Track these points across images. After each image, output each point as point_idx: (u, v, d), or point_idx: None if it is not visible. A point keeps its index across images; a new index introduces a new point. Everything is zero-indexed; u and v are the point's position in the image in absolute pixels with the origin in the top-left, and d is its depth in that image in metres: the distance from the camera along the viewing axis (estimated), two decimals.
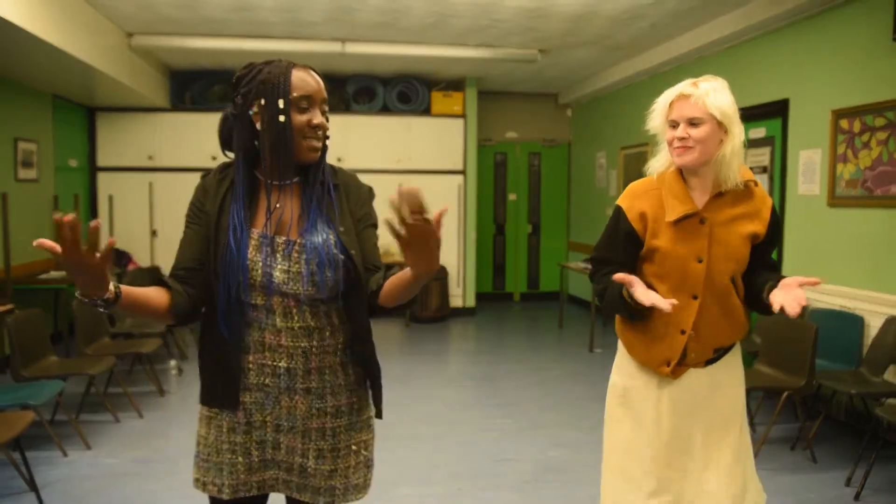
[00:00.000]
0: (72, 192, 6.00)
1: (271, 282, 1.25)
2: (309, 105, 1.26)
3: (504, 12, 4.65)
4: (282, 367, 1.28)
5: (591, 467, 3.14)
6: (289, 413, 1.30)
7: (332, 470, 1.33)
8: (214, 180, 1.32)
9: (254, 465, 1.32)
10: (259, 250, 1.27)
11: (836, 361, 3.56)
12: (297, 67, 1.28)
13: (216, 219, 1.28)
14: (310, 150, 1.27)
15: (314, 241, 1.27)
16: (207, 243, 1.28)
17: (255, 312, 1.28)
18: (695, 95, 1.55)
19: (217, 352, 1.30)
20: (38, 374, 3.32)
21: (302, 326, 1.28)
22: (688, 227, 1.60)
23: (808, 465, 3.15)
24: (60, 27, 3.99)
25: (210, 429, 1.32)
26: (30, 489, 2.75)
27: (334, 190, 1.35)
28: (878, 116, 3.52)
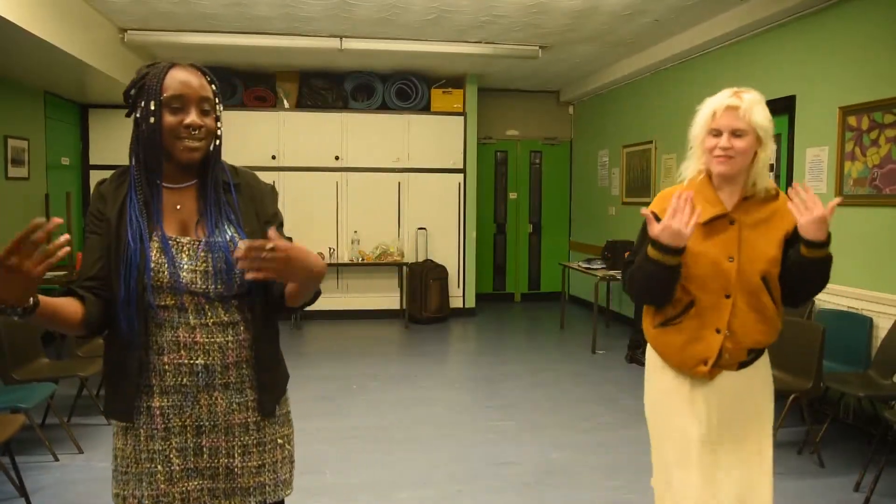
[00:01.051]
0: (64, 190, 5.93)
1: (179, 282, 1.26)
2: (182, 105, 1.26)
3: (504, 8, 4.59)
4: (199, 364, 1.27)
5: (592, 469, 3.10)
6: (209, 411, 1.29)
7: (260, 465, 1.33)
8: (112, 186, 1.32)
9: (175, 475, 1.28)
10: (163, 252, 1.27)
11: (843, 363, 3.51)
12: (177, 67, 1.29)
13: (115, 224, 1.28)
14: (186, 150, 1.27)
15: (218, 241, 1.29)
16: (108, 250, 1.28)
17: (165, 313, 1.27)
18: (742, 108, 1.60)
19: (119, 358, 1.28)
20: (29, 377, 3.27)
21: (216, 322, 1.28)
22: (718, 228, 1.66)
23: (816, 470, 3.10)
24: (52, 22, 3.92)
25: (127, 439, 1.29)
26: (20, 495, 2.71)
27: (235, 190, 1.36)
28: (888, 113, 3.46)
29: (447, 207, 6.86)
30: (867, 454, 2.98)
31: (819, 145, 3.95)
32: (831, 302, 3.72)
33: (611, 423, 3.76)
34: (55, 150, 5.86)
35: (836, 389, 3.19)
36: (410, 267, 6.62)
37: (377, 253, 6.58)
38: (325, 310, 6.68)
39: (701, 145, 1.68)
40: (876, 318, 3.45)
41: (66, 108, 6.10)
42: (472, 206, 6.96)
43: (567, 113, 8.01)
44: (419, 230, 6.81)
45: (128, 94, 1.30)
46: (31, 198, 5.42)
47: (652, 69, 5.85)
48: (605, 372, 4.87)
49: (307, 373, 4.63)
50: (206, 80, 1.31)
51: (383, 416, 3.87)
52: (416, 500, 2.79)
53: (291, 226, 6.60)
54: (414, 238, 6.82)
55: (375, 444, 3.42)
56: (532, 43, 5.56)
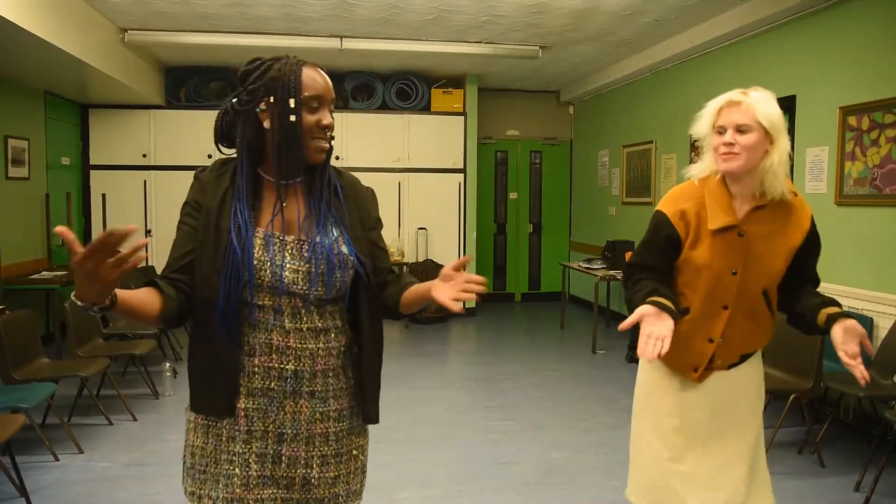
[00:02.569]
0: (64, 190, 5.93)
1: (282, 282, 1.23)
2: (319, 105, 1.25)
3: (504, 8, 4.59)
4: (289, 369, 1.25)
5: (592, 469, 3.09)
6: (293, 418, 1.27)
7: (336, 476, 1.31)
8: (212, 176, 1.28)
9: (252, 481, 1.26)
10: (266, 250, 1.24)
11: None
12: (308, 66, 1.26)
13: (216, 217, 1.24)
14: (318, 150, 1.26)
15: (324, 241, 1.26)
16: (204, 242, 1.23)
17: (261, 314, 1.24)
18: (745, 103, 1.55)
19: (213, 356, 1.25)
20: (29, 377, 3.26)
21: (310, 328, 1.26)
22: (726, 239, 1.61)
23: (816, 470, 3.10)
24: (53, 22, 3.92)
25: (208, 438, 1.27)
26: (20, 495, 2.70)
27: (341, 191, 1.33)
28: (888, 113, 3.46)
29: (447, 207, 6.86)
30: (867, 454, 2.98)
31: (819, 145, 3.95)
32: None
33: (611, 423, 3.76)
34: (55, 150, 5.86)
35: (836, 389, 3.19)
36: (410, 267, 6.62)
37: None
38: None
39: (709, 146, 1.63)
40: (876, 318, 3.45)
41: (67, 108, 6.10)
42: (473, 206, 6.96)
43: (567, 113, 8.00)
44: (419, 230, 6.81)
45: (244, 84, 1.24)
46: (31, 198, 5.42)
47: (652, 69, 5.84)
48: (605, 372, 4.87)
49: None
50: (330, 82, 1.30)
51: (383, 416, 3.84)
52: (417, 500, 2.79)
53: None
54: (414, 238, 6.82)
55: (375, 444, 3.39)
56: (532, 43, 5.56)
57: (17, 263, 5.08)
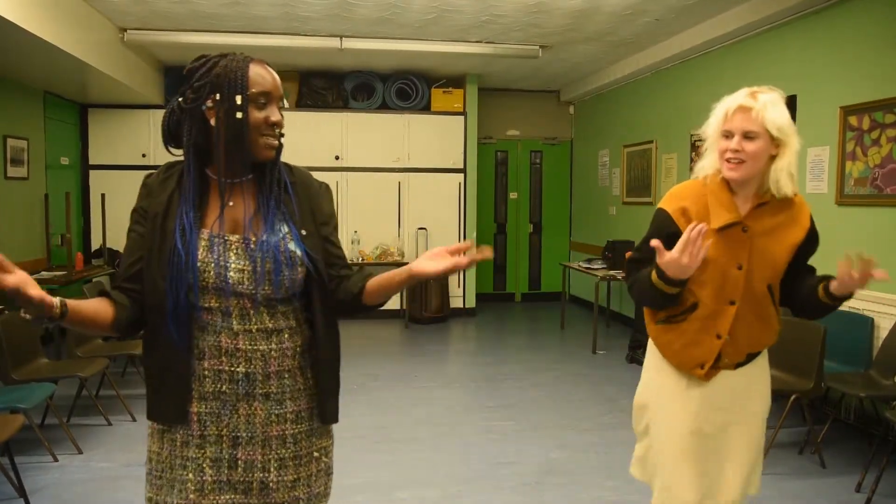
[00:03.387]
0: (63, 190, 5.92)
1: (226, 282, 1.21)
2: (267, 101, 1.23)
3: (504, 7, 4.59)
4: (240, 372, 1.23)
5: (593, 469, 3.09)
6: (247, 421, 1.24)
7: (295, 479, 1.29)
8: (159, 180, 1.27)
9: (206, 486, 1.24)
10: (210, 251, 1.22)
11: (844, 363, 3.50)
12: (255, 62, 1.24)
13: (162, 220, 1.23)
14: (267, 147, 1.24)
15: (270, 240, 1.24)
16: (151, 247, 1.22)
17: (209, 316, 1.22)
18: (755, 109, 1.54)
19: (164, 361, 1.23)
20: (28, 377, 3.26)
21: (260, 329, 1.24)
22: (730, 236, 1.62)
23: (817, 470, 3.10)
24: (52, 22, 3.92)
25: (164, 443, 1.26)
26: (19, 495, 2.70)
27: (291, 188, 1.31)
28: (888, 113, 3.45)
29: (447, 207, 6.85)
30: (868, 454, 2.97)
31: (820, 145, 3.94)
32: None
33: (611, 423, 3.75)
34: (55, 149, 5.85)
35: (837, 389, 3.18)
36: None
37: (377, 253, 6.58)
38: None
39: (715, 145, 1.64)
40: (877, 319, 3.44)
41: (66, 107, 6.09)
42: (473, 206, 6.96)
43: (567, 113, 8.00)
44: (419, 230, 6.81)
45: (189, 81, 1.23)
46: (30, 197, 5.41)
47: (652, 69, 5.84)
48: (605, 372, 4.86)
49: None
50: None
51: (383, 416, 3.86)
52: (417, 500, 2.79)
53: None
54: (414, 238, 6.81)
55: (375, 444, 3.41)
56: (532, 43, 5.55)
57: (16, 263, 5.02)
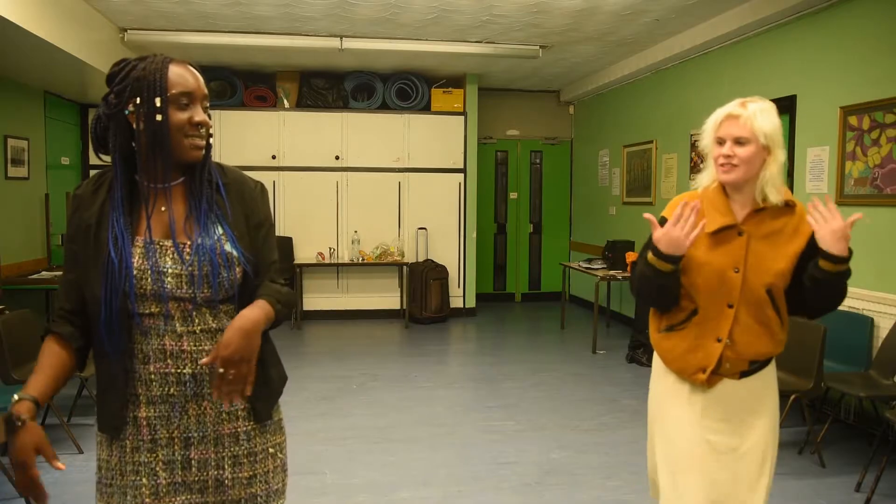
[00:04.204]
0: (63, 190, 5.92)
1: (164, 288, 1.20)
2: (189, 102, 1.22)
3: (504, 7, 4.59)
4: (187, 373, 1.22)
5: (593, 469, 3.09)
6: (198, 421, 1.25)
7: (252, 476, 1.29)
8: (89, 191, 1.25)
9: (161, 489, 1.24)
10: (145, 257, 1.21)
11: (844, 363, 3.50)
12: (175, 63, 1.23)
13: (95, 231, 1.22)
14: (192, 148, 1.23)
15: (205, 243, 1.23)
16: (87, 259, 1.22)
17: (150, 320, 1.21)
18: (743, 116, 1.60)
19: (105, 370, 1.23)
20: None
21: (204, 329, 1.24)
22: (726, 238, 1.66)
23: (817, 470, 3.10)
24: (52, 22, 3.92)
25: (112, 450, 1.25)
26: (19, 495, 2.68)
27: (224, 189, 1.30)
28: (888, 113, 3.45)
29: (447, 207, 6.85)
30: (868, 454, 2.98)
31: (820, 145, 3.94)
32: None
33: (611, 423, 3.76)
34: (55, 149, 5.85)
35: (836, 389, 3.18)
36: (411, 267, 6.62)
37: (377, 253, 6.58)
38: (325, 310, 6.68)
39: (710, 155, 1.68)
40: (877, 319, 3.44)
41: (66, 107, 6.09)
42: (473, 206, 6.96)
43: (567, 113, 8.00)
44: (419, 230, 6.81)
45: (110, 86, 1.22)
46: (30, 197, 5.41)
47: (652, 69, 5.84)
48: (605, 372, 4.86)
49: (307, 373, 4.62)
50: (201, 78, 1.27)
51: (383, 416, 3.86)
52: (417, 500, 2.79)
53: (291, 226, 6.60)
54: (414, 238, 6.81)
55: (375, 444, 3.42)
56: (532, 43, 5.55)
57: (16, 263, 5.07)
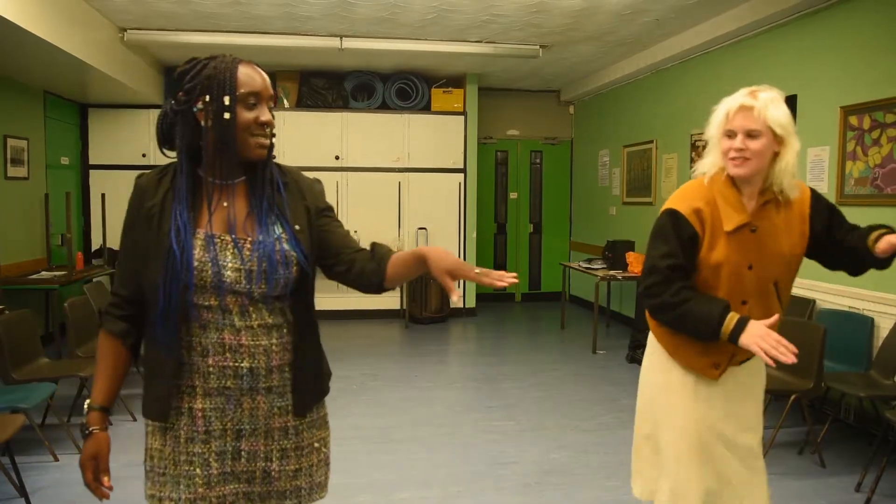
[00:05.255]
0: (63, 190, 5.92)
1: (222, 281, 1.23)
2: (256, 102, 1.24)
3: (505, 7, 4.59)
4: (244, 367, 1.25)
5: (593, 469, 3.09)
6: (251, 415, 1.27)
7: (297, 469, 1.33)
8: (153, 181, 1.28)
9: (213, 479, 1.27)
10: (206, 250, 1.23)
11: (844, 363, 3.50)
12: (243, 63, 1.25)
13: (157, 221, 1.24)
14: (257, 147, 1.25)
15: (265, 240, 1.26)
16: (147, 247, 1.24)
17: (209, 314, 1.24)
18: (756, 108, 1.56)
19: (157, 358, 1.26)
20: (29, 377, 3.25)
21: (261, 324, 1.26)
22: (740, 237, 1.64)
23: (817, 470, 3.09)
24: (52, 22, 3.92)
25: (166, 440, 1.27)
26: (20, 495, 2.70)
27: (284, 188, 1.33)
28: (889, 113, 3.45)
29: (447, 207, 6.85)
30: (868, 454, 2.98)
31: (820, 145, 3.94)
32: (832, 302, 3.71)
33: (611, 423, 3.75)
34: (55, 149, 5.85)
35: (837, 389, 3.18)
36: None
37: None
38: (325, 310, 6.67)
39: (717, 145, 1.64)
40: (877, 319, 3.44)
41: (66, 107, 6.09)
42: (473, 206, 6.95)
43: (567, 113, 8.00)
44: (419, 230, 6.81)
45: (180, 84, 1.25)
46: (30, 197, 5.41)
47: (652, 69, 5.84)
48: (605, 372, 4.86)
49: None
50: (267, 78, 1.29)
51: (383, 416, 3.86)
52: (417, 501, 2.78)
53: None
54: (414, 238, 6.81)
55: (375, 444, 3.41)
56: (532, 42, 5.55)
57: (16, 263, 5.07)
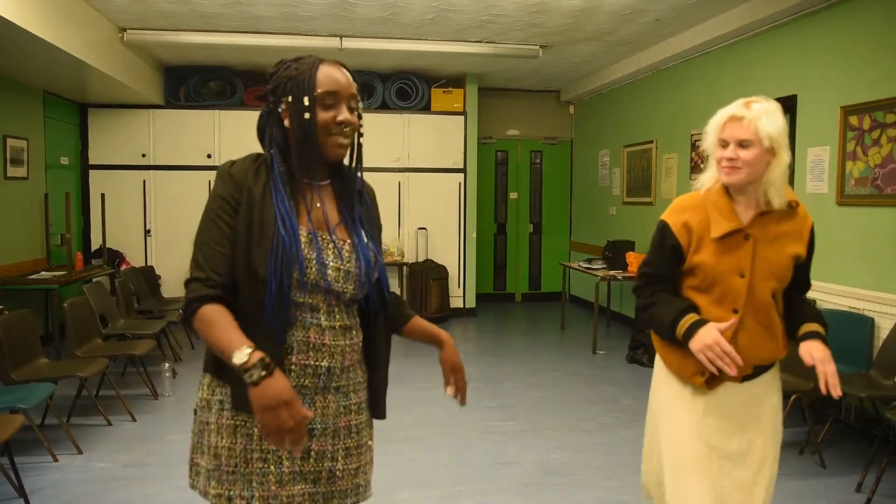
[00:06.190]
0: (63, 190, 5.91)
1: (326, 280, 1.24)
2: (334, 101, 1.25)
3: (505, 7, 4.58)
4: (323, 366, 1.27)
5: (593, 469, 3.09)
6: (322, 413, 1.29)
7: (357, 468, 1.35)
8: (250, 170, 1.26)
9: (285, 477, 1.26)
10: (311, 247, 1.24)
11: (845, 364, 3.49)
12: (326, 63, 1.27)
13: (259, 210, 1.22)
14: (336, 146, 1.26)
15: (363, 242, 1.30)
16: (248, 235, 1.20)
17: (298, 311, 1.24)
18: (747, 118, 1.57)
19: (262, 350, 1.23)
20: (28, 377, 3.25)
21: (342, 325, 1.29)
22: (731, 243, 1.63)
23: (817, 470, 3.09)
24: (52, 22, 3.91)
25: (237, 438, 1.24)
26: (19, 496, 2.69)
27: (365, 197, 1.38)
28: (889, 113, 3.45)
29: (447, 207, 6.85)
30: (869, 455, 2.98)
31: (820, 145, 3.94)
32: (832, 302, 3.71)
33: (611, 423, 3.75)
34: (54, 149, 5.85)
35: None
36: (410, 267, 6.61)
37: None
38: None
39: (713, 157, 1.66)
40: (877, 319, 3.44)
41: (66, 107, 6.08)
42: (473, 206, 6.95)
43: (567, 113, 8.00)
44: (419, 230, 6.80)
45: (271, 85, 1.27)
46: (30, 197, 5.41)
47: (652, 69, 5.83)
48: (605, 372, 4.86)
49: None
50: (352, 78, 1.29)
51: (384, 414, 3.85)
52: (417, 501, 2.78)
53: None
54: (414, 238, 6.81)
55: (375, 444, 3.40)
56: (532, 42, 5.55)
57: (15, 263, 5.07)
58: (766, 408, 1.71)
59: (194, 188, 6.16)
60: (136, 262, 6.28)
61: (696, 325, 1.58)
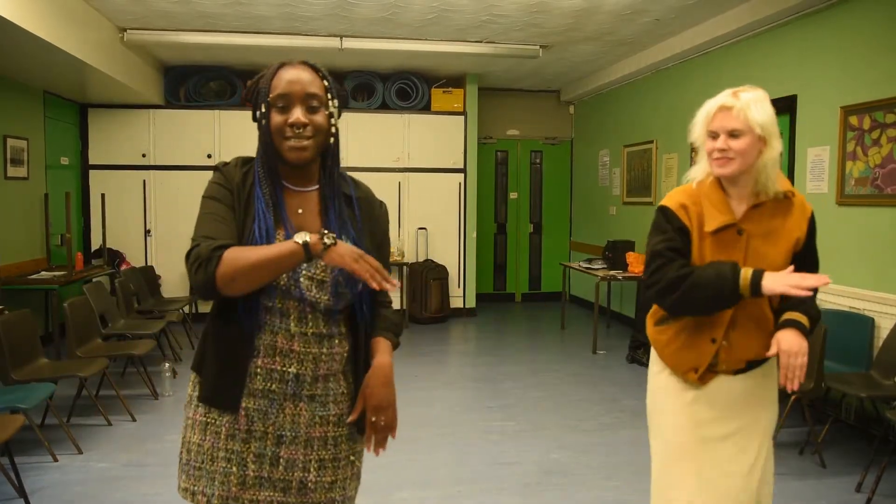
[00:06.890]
0: (63, 190, 5.91)
1: (298, 287, 1.23)
2: (286, 104, 1.23)
3: (505, 7, 4.58)
4: (291, 372, 1.25)
5: (593, 469, 3.09)
6: (292, 421, 1.27)
7: (333, 481, 1.31)
8: (238, 172, 1.29)
9: (248, 480, 1.26)
10: None
11: (845, 364, 3.49)
12: (286, 66, 1.26)
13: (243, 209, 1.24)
14: (291, 150, 1.23)
15: None
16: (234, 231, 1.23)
17: (268, 315, 1.24)
18: (736, 108, 1.54)
19: (226, 351, 1.25)
20: (28, 377, 3.25)
21: (315, 333, 1.26)
22: (725, 238, 1.61)
23: (818, 471, 3.09)
24: (52, 22, 3.91)
25: (206, 435, 1.26)
26: (19, 496, 2.69)
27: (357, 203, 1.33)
28: (889, 113, 3.45)
29: (447, 207, 6.85)
30: (869, 455, 2.98)
31: (820, 145, 3.94)
32: (833, 302, 3.71)
33: (611, 423, 3.75)
34: (54, 149, 5.84)
35: (837, 390, 3.18)
36: (411, 267, 6.61)
37: None
38: None
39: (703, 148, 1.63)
40: (877, 319, 3.44)
41: (66, 107, 6.08)
42: (473, 206, 6.95)
43: (568, 112, 8.00)
44: (419, 230, 6.80)
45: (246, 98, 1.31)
46: (30, 197, 5.41)
47: (652, 69, 5.83)
48: (605, 372, 4.86)
49: None
50: (318, 77, 1.26)
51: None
52: (417, 501, 2.78)
53: None
54: (414, 238, 6.81)
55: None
56: (532, 42, 5.55)
57: (16, 263, 5.06)
58: (759, 401, 1.68)
59: (194, 188, 6.12)
60: (136, 262, 6.28)
61: (759, 271, 1.50)
